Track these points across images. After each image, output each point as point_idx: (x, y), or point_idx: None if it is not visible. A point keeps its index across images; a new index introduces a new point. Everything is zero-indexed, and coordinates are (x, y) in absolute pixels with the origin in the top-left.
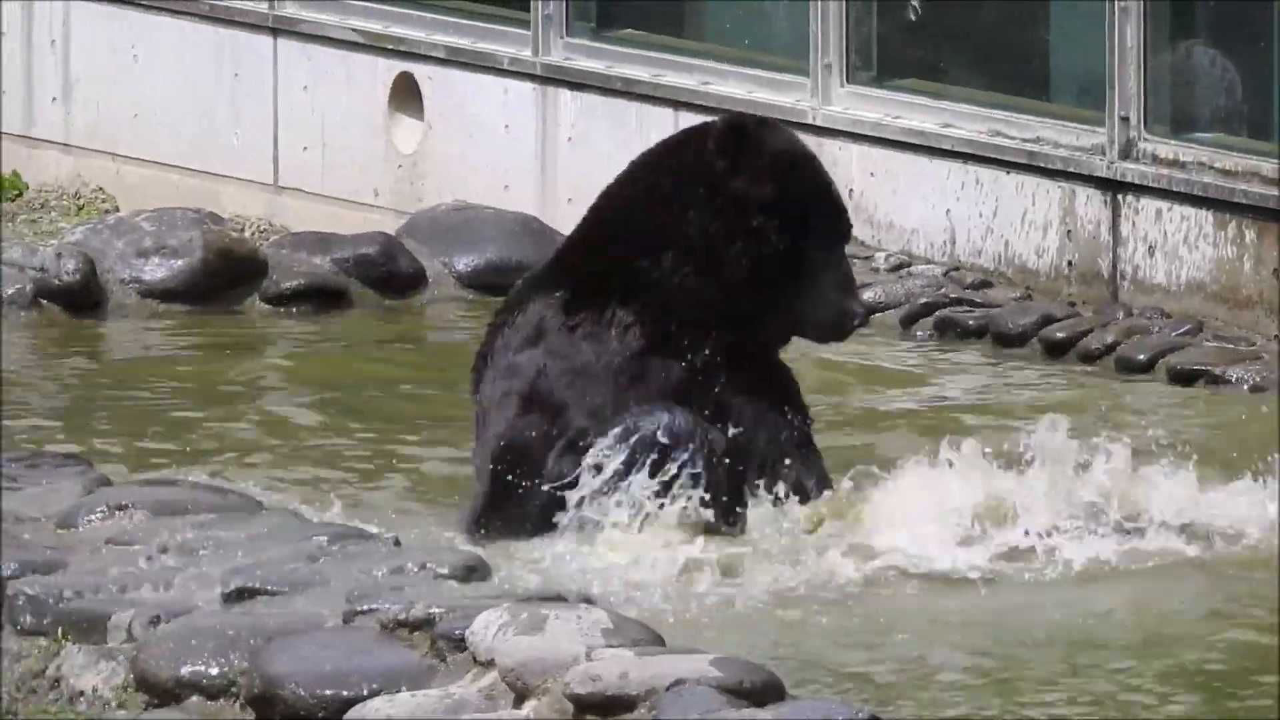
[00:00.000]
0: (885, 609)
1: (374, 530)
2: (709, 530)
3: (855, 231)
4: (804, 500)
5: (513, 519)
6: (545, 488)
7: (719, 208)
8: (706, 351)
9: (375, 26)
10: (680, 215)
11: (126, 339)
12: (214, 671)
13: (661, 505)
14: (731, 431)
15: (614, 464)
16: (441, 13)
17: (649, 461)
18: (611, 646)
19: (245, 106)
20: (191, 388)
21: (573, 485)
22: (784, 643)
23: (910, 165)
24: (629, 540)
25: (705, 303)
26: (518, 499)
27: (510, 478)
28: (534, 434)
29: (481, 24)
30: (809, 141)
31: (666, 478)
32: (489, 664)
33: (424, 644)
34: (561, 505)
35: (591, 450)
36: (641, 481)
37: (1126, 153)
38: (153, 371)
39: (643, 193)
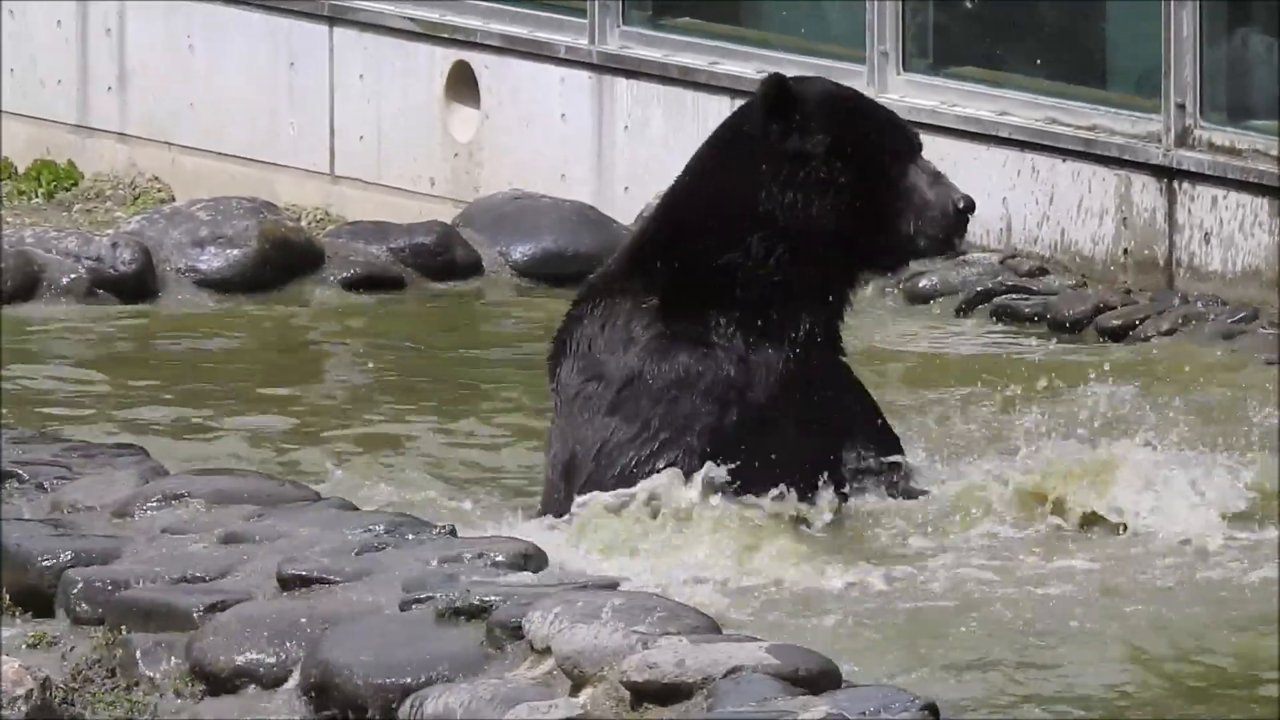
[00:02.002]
0: (944, 597)
1: (430, 519)
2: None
3: None
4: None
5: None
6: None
7: (786, 175)
8: (804, 333)
9: (431, 15)
10: (752, 196)
11: (182, 328)
12: (270, 660)
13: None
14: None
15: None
16: (498, 1)
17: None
18: (668, 634)
19: (301, 96)
20: (248, 377)
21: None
22: (840, 629)
23: (966, 153)
24: (687, 526)
25: (812, 268)
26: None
27: (581, 481)
28: (614, 442)
29: (538, 12)
30: None
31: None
32: (545, 652)
33: (480, 632)
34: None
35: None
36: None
37: (1182, 140)
38: (208, 361)
39: (711, 185)
